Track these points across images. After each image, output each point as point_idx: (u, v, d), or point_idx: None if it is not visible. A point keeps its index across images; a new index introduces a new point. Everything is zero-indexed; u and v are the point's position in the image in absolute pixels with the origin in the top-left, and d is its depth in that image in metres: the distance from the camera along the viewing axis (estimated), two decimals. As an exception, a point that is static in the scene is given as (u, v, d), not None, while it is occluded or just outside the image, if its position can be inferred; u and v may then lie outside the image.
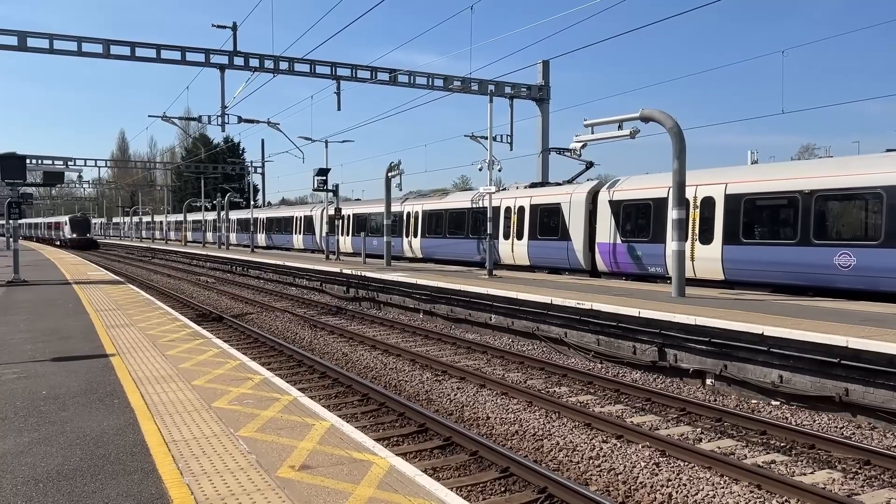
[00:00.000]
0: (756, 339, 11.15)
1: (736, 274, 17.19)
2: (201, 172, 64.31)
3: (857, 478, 7.81)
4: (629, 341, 13.61)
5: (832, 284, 15.13)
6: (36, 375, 9.09)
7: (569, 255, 22.51)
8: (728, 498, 7.16)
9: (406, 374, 13.14)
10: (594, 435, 9.27)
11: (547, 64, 32.09)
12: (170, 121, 33.70)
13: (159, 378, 8.90)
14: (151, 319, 14.59)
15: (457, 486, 7.30)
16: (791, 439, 9.06)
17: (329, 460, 5.81)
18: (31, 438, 6.44)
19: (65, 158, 48.21)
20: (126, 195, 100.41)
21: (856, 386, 9.87)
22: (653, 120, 16.18)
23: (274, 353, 15.32)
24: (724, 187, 17.39)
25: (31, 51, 24.38)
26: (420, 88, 29.75)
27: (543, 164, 31.27)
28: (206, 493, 5.11)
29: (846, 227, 15.31)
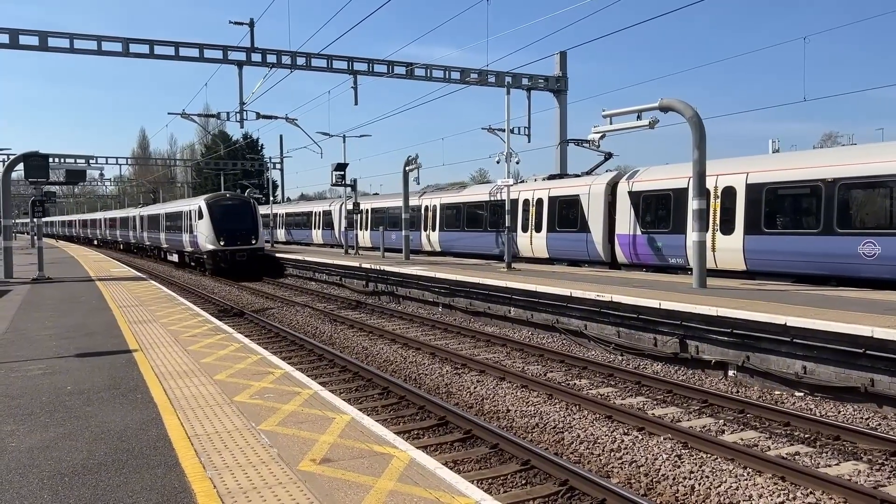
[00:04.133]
0: (779, 330, 11.03)
1: (758, 264, 17.00)
2: (221, 169, 64.69)
3: (884, 469, 7.71)
4: (650, 333, 13.52)
5: (856, 274, 14.92)
6: (61, 371, 9.22)
7: (588, 247, 22.39)
8: (751, 490, 7.10)
9: (426, 368, 13.16)
10: (615, 427, 9.23)
11: (564, 55, 31.89)
12: (189, 118, 33.93)
13: (181, 373, 8.98)
14: (173, 315, 14.73)
15: (478, 478, 7.30)
16: (815, 431, 8.95)
17: (350, 453, 5.83)
18: (56, 433, 6.53)
19: (86, 157, 48.57)
20: (147, 192, 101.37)
21: (881, 376, 9.74)
22: (672, 109, 16.02)
23: (294, 347, 15.41)
24: (746, 177, 17.19)
25: (52, 50, 24.66)
26: (437, 81, 29.72)
27: (561, 156, 31.11)
28: (228, 486, 5.15)
29: (870, 215, 15.07)
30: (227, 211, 34.69)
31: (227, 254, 33.56)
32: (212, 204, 34.73)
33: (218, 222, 33.93)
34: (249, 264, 33.96)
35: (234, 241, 33.72)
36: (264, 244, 36.56)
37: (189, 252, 38.18)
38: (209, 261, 34.15)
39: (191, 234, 36.50)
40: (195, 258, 37.02)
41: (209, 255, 34.01)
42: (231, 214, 34.58)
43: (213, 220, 33.91)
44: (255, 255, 34.44)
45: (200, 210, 34.65)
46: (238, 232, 34.06)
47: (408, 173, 27.87)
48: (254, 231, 34.67)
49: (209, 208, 34.33)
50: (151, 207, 53.25)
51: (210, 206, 34.44)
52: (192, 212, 36.08)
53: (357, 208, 34.45)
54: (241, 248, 33.82)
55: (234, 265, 33.47)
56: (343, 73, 28.28)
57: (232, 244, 33.67)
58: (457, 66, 29.93)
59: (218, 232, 33.70)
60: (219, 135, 76.38)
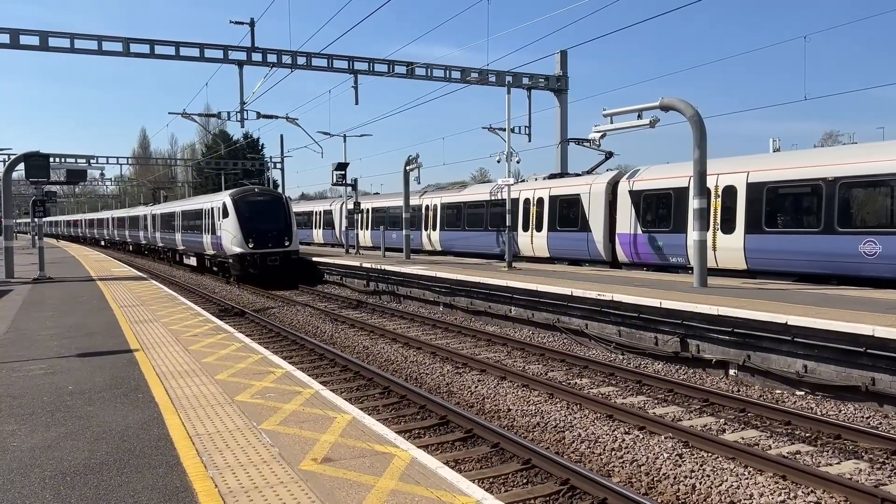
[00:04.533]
0: (780, 329, 11.03)
1: (759, 263, 16.99)
2: (221, 168, 64.72)
3: (885, 468, 7.71)
4: (651, 332, 13.52)
5: (857, 273, 14.91)
6: (62, 371, 9.23)
7: (589, 246, 22.39)
8: (752, 489, 7.10)
9: (427, 367, 13.16)
10: (616, 426, 9.23)
11: (565, 54, 31.88)
12: (190, 117, 33.97)
13: (182, 372, 8.99)
14: (174, 315, 14.74)
15: (478, 478, 7.31)
16: (816, 429, 8.95)
17: (351, 453, 5.84)
18: (58, 433, 6.54)
19: (87, 156, 48.54)
20: (148, 192, 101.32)
21: (883, 375, 9.73)
22: (673, 109, 16.02)
23: (295, 346, 15.42)
24: (746, 176, 17.18)
25: (52, 50, 24.66)
26: (437, 81, 29.72)
27: (562, 155, 31.11)
28: (229, 485, 5.15)
29: (871, 214, 15.06)
30: (257, 208, 29.91)
31: (257, 258, 28.81)
32: (238, 200, 29.98)
33: (246, 221, 29.19)
34: (282, 270, 29.45)
35: (264, 244, 29.05)
36: (298, 246, 31.45)
37: (210, 255, 33.35)
38: (235, 266, 29.43)
39: (213, 234, 31.73)
40: (218, 262, 32.28)
41: (236, 260, 29.17)
42: (261, 212, 29.82)
43: (241, 219, 29.18)
44: (288, 260, 29.66)
45: (225, 207, 29.94)
46: (269, 232, 29.35)
47: (408, 173, 27.87)
48: (287, 231, 29.86)
49: (235, 205, 29.59)
50: (166, 205, 47.47)
51: (237, 203, 29.70)
52: (215, 209, 31.34)
53: (358, 208, 34.45)
54: (272, 252, 29.12)
55: (264, 271, 29.00)
56: (343, 72, 28.29)
57: (262, 246, 28.98)
58: (457, 66, 29.94)
59: (246, 232, 28.89)
60: (219, 134, 76.36)
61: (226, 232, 29.83)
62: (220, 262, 31.99)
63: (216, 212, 31.32)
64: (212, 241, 32.28)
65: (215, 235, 31.40)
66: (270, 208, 30.40)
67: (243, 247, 28.89)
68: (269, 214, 30.08)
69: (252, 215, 29.67)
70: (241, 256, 28.94)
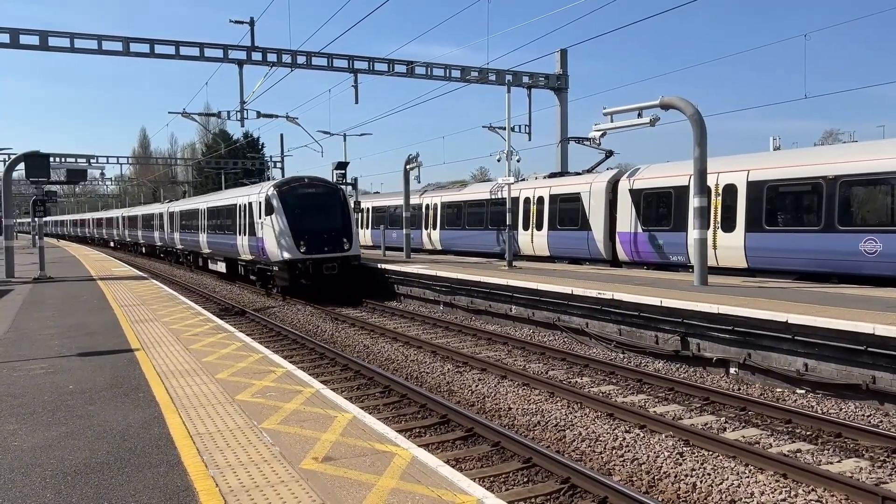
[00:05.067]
0: (780, 327, 11.03)
1: (759, 262, 16.99)
2: (221, 168, 64.69)
3: (886, 466, 7.71)
4: (651, 331, 13.52)
5: (857, 271, 14.91)
6: (63, 370, 9.23)
7: (589, 244, 22.39)
8: (753, 487, 7.10)
9: (427, 366, 13.17)
10: (617, 425, 9.23)
11: (565, 52, 31.87)
12: (190, 117, 33.94)
13: (183, 372, 8.99)
14: (175, 314, 14.75)
15: (479, 476, 7.31)
16: (817, 428, 8.95)
17: (352, 452, 5.84)
18: (59, 432, 6.54)
19: (87, 156, 48.49)
20: (148, 191, 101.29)
21: (883, 373, 9.73)
22: (673, 107, 16.01)
23: (296, 346, 15.43)
24: (747, 174, 17.18)
25: (52, 50, 24.66)
26: (437, 80, 29.70)
27: (562, 154, 31.10)
28: (230, 484, 5.15)
29: (872, 212, 15.06)
30: (309, 202, 24.13)
31: (310, 265, 22.97)
32: (286, 192, 24.03)
33: (296, 219, 23.39)
34: (341, 280, 23.70)
35: (319, 247, 23.21)
36: (360, 250, 25.45)
37: (247, 262, 27.33)
38: (282, 275, 23.55)
39: (251, 236, 25.81)
40: (257, 270, 26.20)
41: (283, 268, 23.31)
42: (314, 207, 24.03)
43: (290, 217, 23.35)
44: (348, 267, 23.81)
45: (268, 202, 23.99)
46: (325, 233, 23.60)
47: (409, 172, 27.87)
48: (346, 231, 24.14)
49: (282, 199, 23.72)
50: (187, 201, 41.44)
51: (284, 196, 23.81)
52: (254, 205, 25.47)
53: (358, 207, 34.43)
54: (329, 257, 23.29)
55: (319, 281, 23.14)
56: (343, 71, 28.27)
57: (317, 251, 23.13)
58: (457, 65, 29.93)
59: (297, 233, 23.11)
60: (219, 134, 76.37)
61: (269, 233, 23.85)
62: (259, 271, 25.96)
63: (256, 208, 25.31)
64: (249, 243, 26.30)
65: (254, 237, 25.47)
66: (325, 202, 24.45)
67: (293, 252, 22.93)
68: (323, 210, 24.22)
69: (303, 212, 23.75)
70: (289, 264, 22.99)
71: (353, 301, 22.95)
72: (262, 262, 25.24)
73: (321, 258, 23.21)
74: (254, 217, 25.49)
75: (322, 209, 24.24)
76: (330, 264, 23.33)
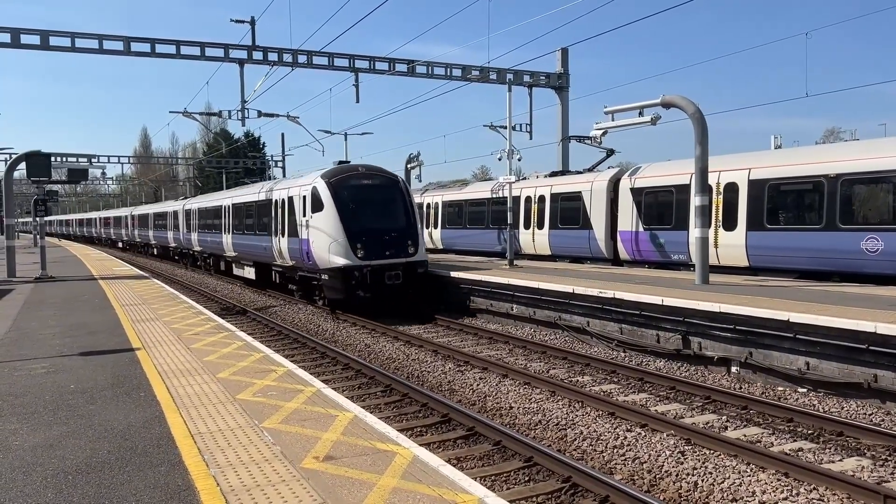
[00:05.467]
0: (782, 326, 11.01)
1: (760, 260, 16.98)
2: (223, 167, 64.72)
3: (888, 465, 7.70)
4: (652, 329, 13.51)
5: (859, 270, 14.89)
6: (64, 370, 9.23)
7: (590, 243, 22.37)
8: (755, 486, 7.09)
9: (428, 365, 13.16)
10: (618, 424, 9.23)
11: (566, 51, 31.83)
12: (191, 116, 33.91)
13: (184, 371, 8.99)
14: (176, 313, 14.75)
15: (480, 475, 7.31)
16: (819, 427, 8.95)
17: (353, 451, 5.84)
18: (60, 432, 6.55)
19: (88, 155, 48.44)
20: (149, 191, 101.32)
21: (885, 372, 9.72)
22: (674, 106, 15.99)
23: (297, 345, 15.43)
24: (748, 173, 17.16)
25: (53, 49, 24.66)
26: (438, 79, 29.67)
27: (563, 153, 31.08)
28: (231, 484, 5.15)
29: (873, 211, 15.03)
30: (366, 196, 19.96)
31: (368, 273, 18.81)
32: (337, 183, 19.74)
33: (352, 217, 19.26)
34: (405, 290, 19.52)
35: (379, 252, 19.15)
36: (427, 255, 20.94)
37: (284, 268, 22.93)
38: (334, 284, 19.17)
39: (291, 237, 21.56)
40: (301, 279, 21.82)
41: (336, 276, 18.96)
42: (372, 203, 19.97)
43: (343, 214, 19.18)
44: (413, 275, 19.58)
45: (316, 195, 19.81)
46: (387, 234, 19.46)
47: (409, 171, 27.86)
48: (410, 232, 19.91)
49: (334, 192, 19.48)
50: (207, 197, 36.79)
51: (336, 189, 19.55)
52: (297, 200, 21.14)
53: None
54: (392, 263, 19.24)
55: (380, 293, 19.11)
56: (344, 70, 28.25)
57: (377, 255, 19.08)
58: (458, 64, 29.91)
59: (353, 235, 19.00)
60: (220, 133, 76.42)
61: (317, 233, 19.55)
62: (302, 279, 21.70)
63: (298, 203, 20.99)
64: (289, 246, 21.82)
65: (296, 239, 21.10)
66: (385, 197, 20.24)
67: (349, 256, 18.80)
68: (384, 206, 20.05)
69: (359, 208, 19.55)
70: (344, 272, 18.78)
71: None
72: (305, 268, 20.80)
73: (383, 265, 19.04)
74: (295, 214, 21.11)
75: (382, 205, 20.02)
76: (393, 272, 19.12)
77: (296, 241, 21.08)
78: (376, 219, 19.66)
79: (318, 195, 19.79)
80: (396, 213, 20.05)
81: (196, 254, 36.73)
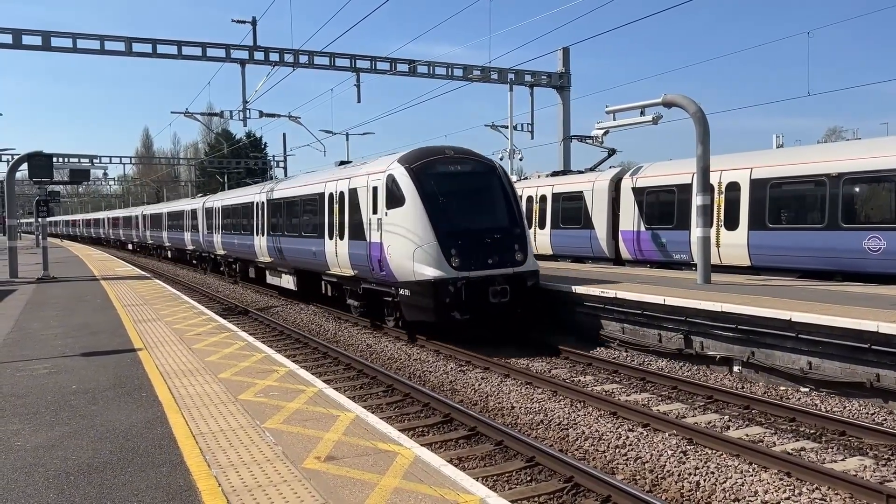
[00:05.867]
0: (784, 326, 11.00)
1: (762, 260, 16.96)
2: (224, 167, 64.81)
3: (890, 464, 7.68)
4: (654, 329, 13.49)
5: (861, 269, 14.87)
6: (66, 370, 9.24)
7: (592, 243, 22.36)
8: (757, 486, 7.08)
9: (430, 365, 13.16)
10: (620, 424, 9.22)
11: (567, 51, 31.83)
12: (192, 117, 33.98)
13: (186, 371, 9.00)
14: (178, 314, 14.76)
15: (482, 475, 7.30)
16: (821, 426, 8.93)
17: (354, 451, 5.84)
18: (61, 432, 6.55)
19: (90, 156, 48.49)
20: (151, 191, 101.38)
21: (887, 371, 9.70)
22: (676, 105, 15.98)
23: (299, 345, 15.43)
24: (750, 172, 17.14)
25: (54, 50, 24.67)
26: (439, 79, 29.68)
27: (565, 153, 31.07)
28: (233, 484, 5.15)
29: (876, 210, 15.01)
30: (457, 186, 15.42)
31: (464, 287, 14.22)
32: (420, 169, 15.26)
33: (442, 214, 14.75)
34: (512, 310, 14.85)
35: (479, 259, 14.59)
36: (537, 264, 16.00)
37: (343, 279, 18.10)
38: (421, 303, 14.56)
39: (355, 240, 17.00)
40: (367, 293, 17.09)
41: (423, 293, 14.36)
42: (466, 195, 15.41)
43: (431, 209, 14.69)
44: (523, 290, 15.00)
45: (393, 185, 15.37)
46: (488, 237, 14.90)
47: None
48: (516, 234, 15.34)
49: (418, 179, 15.03)
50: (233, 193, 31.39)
51: (419, 175, 15.11)
52: (364, 192, 16.63)
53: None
54: (497, 275, 14.63)
55: (484, 312, 14.54)
56: (346, 70, 28.26)
57: (478, 265, 14.54)
58: (459, 63, 29.90)
59: (445, 237, 14.48)
60: (222, 133, 76.50)
61: (396, 235, 15.04)
62: (369, 293, 16.93)
63: (366, 196, 16.41)
64: (350, 251, 17.21)
65: (361, 242, 16.51)
66: (482, 187, 15.65)
67: (441, 266, 14.20)
68: (481, 200, 15.55)
69: (451, 202, 14.96)
70: (435, 286, 14.06)
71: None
72: (373, 280, 16.21)
73: (484, 276, 14.41)
74: (360, 211, 16.69)
75: (479, 198, 15.54)
76: (499, 286, 14.48)
77: (360, 244, 16.54)
78: (474, 216, 15.13)
79: (396, 186, 15.17)
80: (498, 209, 15.51)
81: (219, 258, 32.39)
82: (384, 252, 15.42)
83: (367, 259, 16.22)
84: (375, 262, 15.85)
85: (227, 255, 30.89)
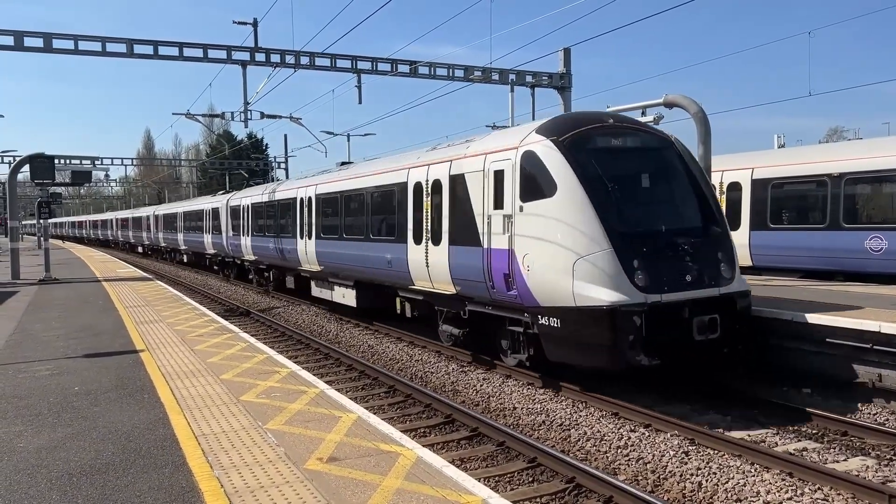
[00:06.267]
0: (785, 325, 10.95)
1: (764, 260, 16.95)
2: (226, 169, 64.80)
3: (892, 465, 7.68)
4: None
5: (863, 269, 14.86)
6: (68, 372, 9.25)
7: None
8: (759, 486, 7.08)
9: (431, 366, 13.15)
10: (622, 424, 9.21)
11: (568, 51, 31.75)
12: (193, 118, 33.91)
13: (188, 373, 9.01)
14: (180, 315, 14.77)
15: (484, 476, 7.31)
16: (823, 426, 8.93)
17: (356, 452, 5.84)
18: (64, 433, 6.56)
19: (92, 158, 48.48)
20: (153, 193, 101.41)
21: (889, 371, 9.68)
22: (677, 105, 15.98)
23: (301, 346, 15.43)
24: (751, 172, 17.13)
25: (56, 52, 24.59)
26: (440, 80, 29.63)
27: (566, 153, 31.00)
28: (235, 485, 5.16)
29: (877, 210, 15.00)
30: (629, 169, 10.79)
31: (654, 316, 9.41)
32: (574, 143, 10.40)
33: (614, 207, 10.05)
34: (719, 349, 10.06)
35: (673, 276, 9.76)
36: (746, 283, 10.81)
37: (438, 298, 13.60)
38: (587, 337, 9.66)
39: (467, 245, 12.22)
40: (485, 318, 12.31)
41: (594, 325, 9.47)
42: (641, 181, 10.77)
43: (598, 200, 9.83)
44: (735, 319, 10.17)
45: (536, 166, 10.52)
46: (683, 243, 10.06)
47: (413, 171, 27.59)
48: (716, 235, 10.69)
49: (573, 157, 10.19)
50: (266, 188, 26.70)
51: (574, 153, 10.26)
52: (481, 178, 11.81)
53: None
54: (699, 297, 9.81)
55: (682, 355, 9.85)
56: (347, 71, 28.21)
57: (670, 284, 9.68)
58: (460, 64, 29.85)
59: (625, 244, 9.63)
60: (223, 135, 76.45)
61: (539, 241, 10.41)
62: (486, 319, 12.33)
63: (485, 184, 11.75)
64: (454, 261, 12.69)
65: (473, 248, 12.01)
66: (661, 169, 11.18)
67: (620, 285, 9.47)
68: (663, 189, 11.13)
69: (624, 191, 10.51)
70: (614, 315, 9.31)
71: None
72: (494, 301, 11.72)
73: (682, 300, 9.82)
74: (472, 205, 12.15)
75: (660, 186, 11.11)
76: (705, 316, 9.93)
77: (470, 252, 12.11)
78: (658, 212, 10.75)
79: (538, 167, 10.53)
80: (688, 200, 11.04)
81: (247, 264, 27.97)
82: (515, 263, 10.79)
83: (483, 272, 11.67)
84: (498, 277, 11.27)
85: (258, 261, 26.42)
